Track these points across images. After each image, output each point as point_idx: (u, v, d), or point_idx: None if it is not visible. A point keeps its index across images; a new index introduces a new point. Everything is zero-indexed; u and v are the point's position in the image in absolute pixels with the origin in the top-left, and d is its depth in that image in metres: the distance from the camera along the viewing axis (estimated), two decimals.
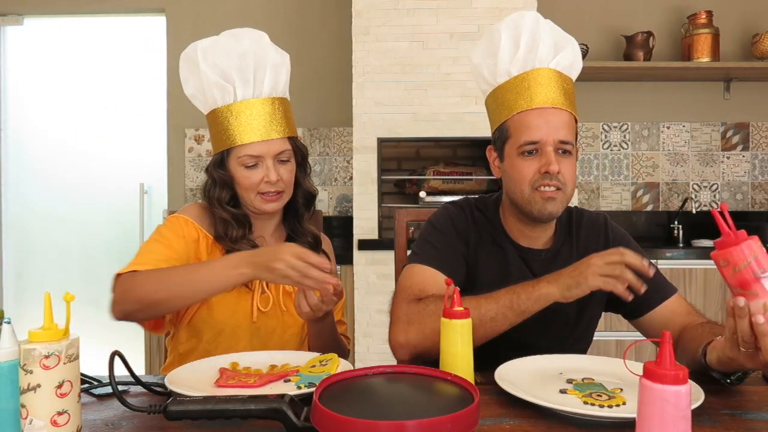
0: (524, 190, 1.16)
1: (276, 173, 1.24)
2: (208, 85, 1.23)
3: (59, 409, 0.73)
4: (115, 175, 3.42)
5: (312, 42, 3.29)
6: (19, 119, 3.48)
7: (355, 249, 2.69)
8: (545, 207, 1.15)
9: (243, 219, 1.30)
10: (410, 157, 3.19)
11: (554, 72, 1.18)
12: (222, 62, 1.22)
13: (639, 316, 1.23)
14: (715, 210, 0.85)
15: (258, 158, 1.24)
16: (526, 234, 1.24)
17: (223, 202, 1.29)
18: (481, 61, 1.23)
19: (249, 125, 1.23)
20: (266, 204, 1.27)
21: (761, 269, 0.80)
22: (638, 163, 3.34)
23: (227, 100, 1.24)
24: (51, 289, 0.79)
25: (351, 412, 0.66)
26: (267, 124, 1.24)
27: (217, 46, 1.23)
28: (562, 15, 3.25)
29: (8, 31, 3.45)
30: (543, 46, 1.17)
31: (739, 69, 3.07)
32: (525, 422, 0.82)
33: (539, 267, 1.23)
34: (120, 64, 3.44)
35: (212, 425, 0.82)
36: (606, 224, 1.30)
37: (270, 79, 1.25)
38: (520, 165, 1.16)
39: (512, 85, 1.19)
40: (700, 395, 0.85)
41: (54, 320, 0.76)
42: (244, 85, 1.23)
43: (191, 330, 1.28)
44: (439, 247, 1.22)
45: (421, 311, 1.10)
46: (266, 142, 1.24)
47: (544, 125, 1.14)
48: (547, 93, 1.16)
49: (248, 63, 1.23)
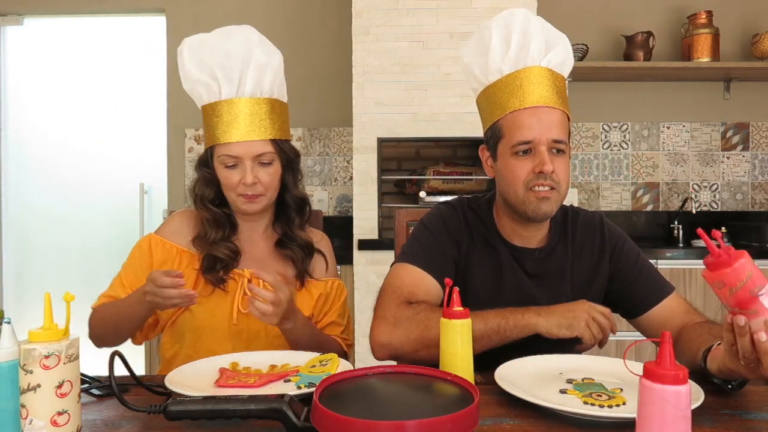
0: (518, 191, 1.15)
1: (253, 175, 1.22)
2: (194, 82, 1.23)
3: (59, 409, 0.73)
4: (115, 175, 3.42)
5: (312, 42, 3.29)
6: (19, 119, 3.48)
7: (355, 249, 2.69)
8: (540, 207, 1.14)
9: (224, 220, 1.28)
10: (410, 157, 3.19)
11: (546, 70, 1.17)
12: (208, 59, 1.21)
13: (637, 315, 1.22)
14: (701, 230, 0.83)
15: (237, 159, 1.22)
16: (520, 233, 1.23)
17: (206, 200, 1.28)
18: (472, 59, 1.22)
19: (230, 125, 1.22)
20: (245, 205, 1.25)
21: (758, 287, 0.77)
22: (638, 163, 3.34)
23: (212, 97, 1.23)
24: (51, 289, 0.79)
25: (351, 412, 0.66)
26: (248, 124, 1.22)
27: (204, 44, 1.23)
28: (562, 15, 3.25)
29: (8, 31, 3.45)
30: (534, 43, 1.16)
31: (739, 69, 3.07)
32: (525, 422, 0.82)
33: (532, 266, 1.22)
34: (120, 64, 3.44)
35: (212, 425, 0.82)
36: (602, 224, 1.29)
37: (252, 78, 1.22)
38: (513, 165, 1.15)
39: (504, 84, 1.17)
40: (700, 395, 0.85)
41: (54, 320, 0.76)
42: (229, 83, 1.22)
43: (175, 334, 1.29)
44: (429, 249, 1.21)
45: (411, 317, 1.09)
46: (245, 143, 1.22)
47: (537, 125, 1.13)
48: (540, 92, 1.15)
49: (233, 62, 1.21)
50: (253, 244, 1.33)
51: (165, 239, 1.29)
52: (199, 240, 1.28)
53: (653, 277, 1.23)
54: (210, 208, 1.28)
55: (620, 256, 1.25)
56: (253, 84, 1.23)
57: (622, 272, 1.24)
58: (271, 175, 1.26)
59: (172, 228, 1.32)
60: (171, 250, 1.28)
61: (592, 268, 1.25)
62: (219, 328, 1.25)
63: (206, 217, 1.28)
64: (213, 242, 1.26)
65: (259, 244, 1.34)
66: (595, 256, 1.25)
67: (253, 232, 1.33)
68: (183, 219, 1.33)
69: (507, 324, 1.05)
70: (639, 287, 1.22)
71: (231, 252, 1.27)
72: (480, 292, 1.21)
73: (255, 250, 1.33)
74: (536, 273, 1.22)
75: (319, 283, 1.36)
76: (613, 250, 1.25)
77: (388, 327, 1.10)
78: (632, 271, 1.23)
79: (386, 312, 1.12)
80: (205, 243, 1.27)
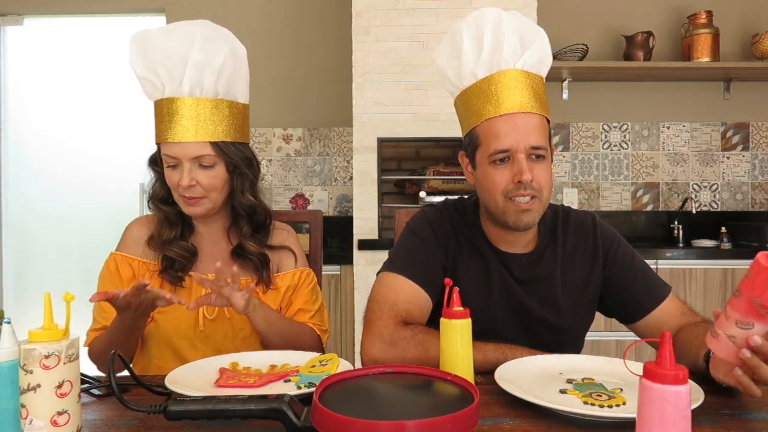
0: (498, 200, 1.12)
1: (190, 177, 1.17)
2: (139, 78, 1.21)
3: (59, 409, 0.73)
4: (114, 175, 3.42)
5: (312, 42, 3.29)
6: (19, 119, 3.48)
7: (355, 249, 2.69)
8: (520, 219, 1.11)
9: (177, 219, 1.26)
10: (410, 157, 3.19)
11: (521, 73, 1.12)
12: (151, 56, 1.18)
13: (634, 320, 1.20)
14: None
15: (176, 159, 1.19)
16: (506, 239, 1.20)
17: (156, 198, 1.26)
18: (446, 63, 1.17)
19: (170, 124, 1.18)
20: (186, 208, 1.22)
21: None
22: (638, 163, 3.34)
23: (156, 94, 1.21)
24: (51, 289, 0.79)
25: (351, 412, 0.66)
26: (186, 125, 1.17)
27: (148, 40, 1.19)
28: (562, 15, 3.25)
29: (8, 31, 3.45)
30: (507, 45, 1.11)
31: (739, 69, 3.07)
32: (525, 422, 0.82)
33: (520, 272, 1.20)
34: (120, 64, 3.42)
35: (212, 425, 0.82)
36: (594, 224, 1.24)
37: (190, 78, 1.17)
38: (492, 174, 1.12)
39: (479, 89, 1.13)
40: (700, 395, 0.85)
41: (54, 320, 0.76)
42: (170, 81, 1.18)
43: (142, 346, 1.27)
44: (419, 257, 1.19)
45: (408, 339, 1.08)
46: (182, 144, 1.17)
47: (514, 132, 1.09)
48: (515, 97, 1.10)
49: (173, 60, 1.17)
50: (212, 243, 1.30)
51: (127, 255, 1.27)
52: (152, 241, 1.26)
53: (649, 280, 1.20)
54: (161, 207, 1.26)
55: (614, 259, 1.21)
56: (190, 83, 1.17)
57: (617, 276, 1.21)
58: (212, 178, 1.20)
59: (130, 240, 1.29)
60: (133, 264, 1.27)
61: (584, 272, 1.21)
62: (185, 336, 1.23)
63: (159, 217, 1.27)
64: (166, 242, 1.24)
65: (219, 245, 1.30)
66: (588, 261, 1.22)
67: (211, 232, 1.31)
68: (139, 227, 1.31)
69: (506, 359, 1.04)
70: (635, 292, 1.19)
71: (185, 251, 1.24)
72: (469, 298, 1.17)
73: (215, 249, 1.30)
74: (525, 279, 1.19)
75: (286, 275, 1.33)
76: (606, 254, 1.22)
77: (384, 345, 1.08)
78: (627, 275, 1.20)
79: (383, 330, 1.10)
80: (158, 243, 1.24)
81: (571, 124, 3.34)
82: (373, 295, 1.18)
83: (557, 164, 3.34)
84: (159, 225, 1.27)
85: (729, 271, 2.72)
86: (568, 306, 1.20)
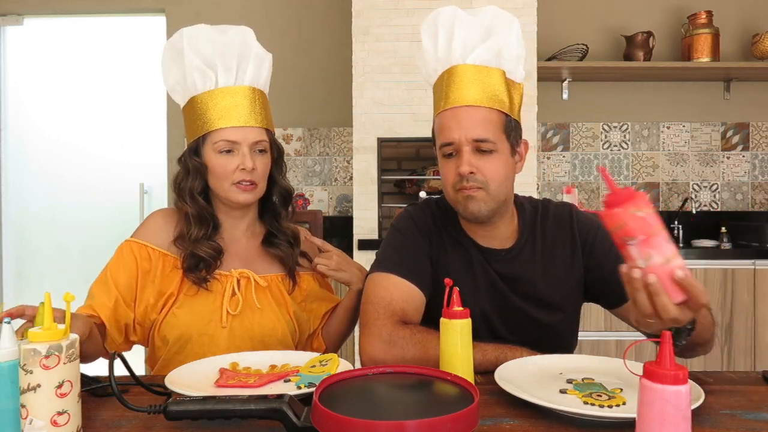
0: (449, 192, 1.16)
1: (252, 161, 1.21)
2: (190, 70, 1.21)
3: (59, 409, 0.73)
4: (115, 175, 3.43)
5: (312, 42, 3.29)
6: (19, 119, 3.48)
7: (355, 249, 2.69)
8: (467, 207, 1.13)
9: (208, 216, 1.25)
10: (410, 157, 3.19)
11: (471, 68, 1.14)
12: (205, 49, 1.21)
13: (618, 305, 1.20)
14: (602, 167, 0.87)
15: (234, 144, 1.21)
16: (480, 233, 1.21)
17: (195, 191, 1.25)
18: (419, 61, 1.24)
19: (228, 111, 1.22)
20: (241, 194, 1.23)
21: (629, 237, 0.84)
22: (638, 163, 3.34)
23: (208, 86, 1.22)
24: (51, 289, 0.79)
25: (351, 412, 0.66)
26: (247, 111, 1.23)
27: (202, 34, 1.23)
28: (562, 15, 3.26)
29: (8, 31, 3.46)
30: (457, 41, 1.14)
31: (739, 69, 3.08)
32: (525, 422, 0.82)
33: (501, 268, 1.20)
34: (120, 64, 3.44)
35: (212, 425, 0.82)
36: (571, 216, 1.24)
37: (253, 69, 1.25)
38: (442, 167, 1.17)
39: (437, 86, 1.19)
40: (700, 395, 0.85)
41: (54, 320, 0.76)
42: (227, 72, 1.22)
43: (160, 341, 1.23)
44: (405, 253, 1.19)
45: (407, 338, 1.08)
46: (244, 129, 1.22)
47: (456, 126, 1.12)
48: (460, 91, 1.13)
49: (232, 52, 1.23)
50: (235, 241, 1.30)
51: (147, 244, 1.24)
52: (180, 239, 1.24)
53: None
54: (198, 201, 1.25)
55: (593, 246, 1.22)
56: (253, 74, 1.25)
57: (597, 263, 1.21)
58: (266, 165, 1.26)
59: (154, 229, 1.27)
60: (153, 254, 1.24)
61: (566, 264, 1.22)
62: (206, 332, 1.21)
63: (191, 213, 1.24)
64: (196, 240, 1.23)
65: (241, 242, 1.31)
66: (568, 252, 1.22)
67: (235, 230, 1.31)
68: (165, 218, 1.28)
69: (505, 359, 1.04)
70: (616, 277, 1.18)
71: (213, 251, 1.24)
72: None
73: (238, 248, 1.30)
74: (507, 275, 1.20)
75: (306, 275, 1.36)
76: (584, 241, 1.22)
77: (383, 345, 1.09)
78: (607, 261, 1.19)
79: (381, 329, 1.10)
80: (188, 241, 1.23)
81: (571, 124, 3.34)
82: (366, 296, 1.17)
83: (557, 164, 3.34)
84: (187, 222, 1.25)
85: (729, 271, 2.72)
86: (551, 301, 1.21)
